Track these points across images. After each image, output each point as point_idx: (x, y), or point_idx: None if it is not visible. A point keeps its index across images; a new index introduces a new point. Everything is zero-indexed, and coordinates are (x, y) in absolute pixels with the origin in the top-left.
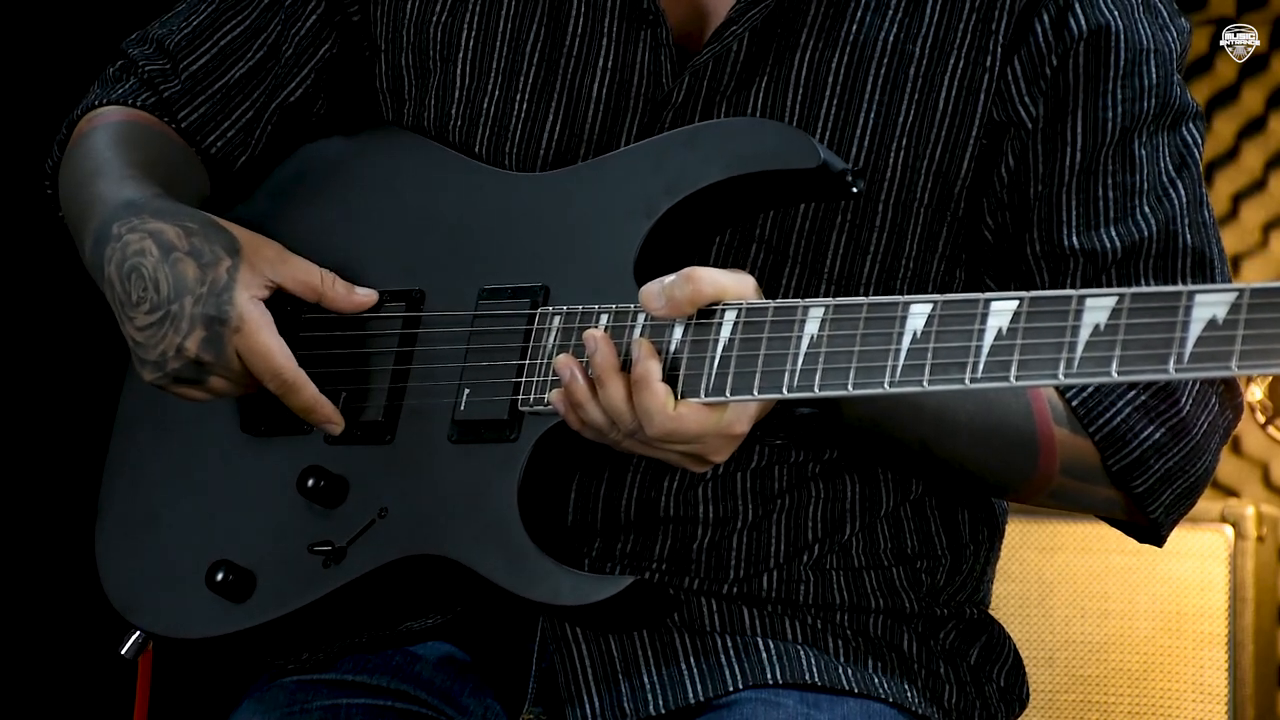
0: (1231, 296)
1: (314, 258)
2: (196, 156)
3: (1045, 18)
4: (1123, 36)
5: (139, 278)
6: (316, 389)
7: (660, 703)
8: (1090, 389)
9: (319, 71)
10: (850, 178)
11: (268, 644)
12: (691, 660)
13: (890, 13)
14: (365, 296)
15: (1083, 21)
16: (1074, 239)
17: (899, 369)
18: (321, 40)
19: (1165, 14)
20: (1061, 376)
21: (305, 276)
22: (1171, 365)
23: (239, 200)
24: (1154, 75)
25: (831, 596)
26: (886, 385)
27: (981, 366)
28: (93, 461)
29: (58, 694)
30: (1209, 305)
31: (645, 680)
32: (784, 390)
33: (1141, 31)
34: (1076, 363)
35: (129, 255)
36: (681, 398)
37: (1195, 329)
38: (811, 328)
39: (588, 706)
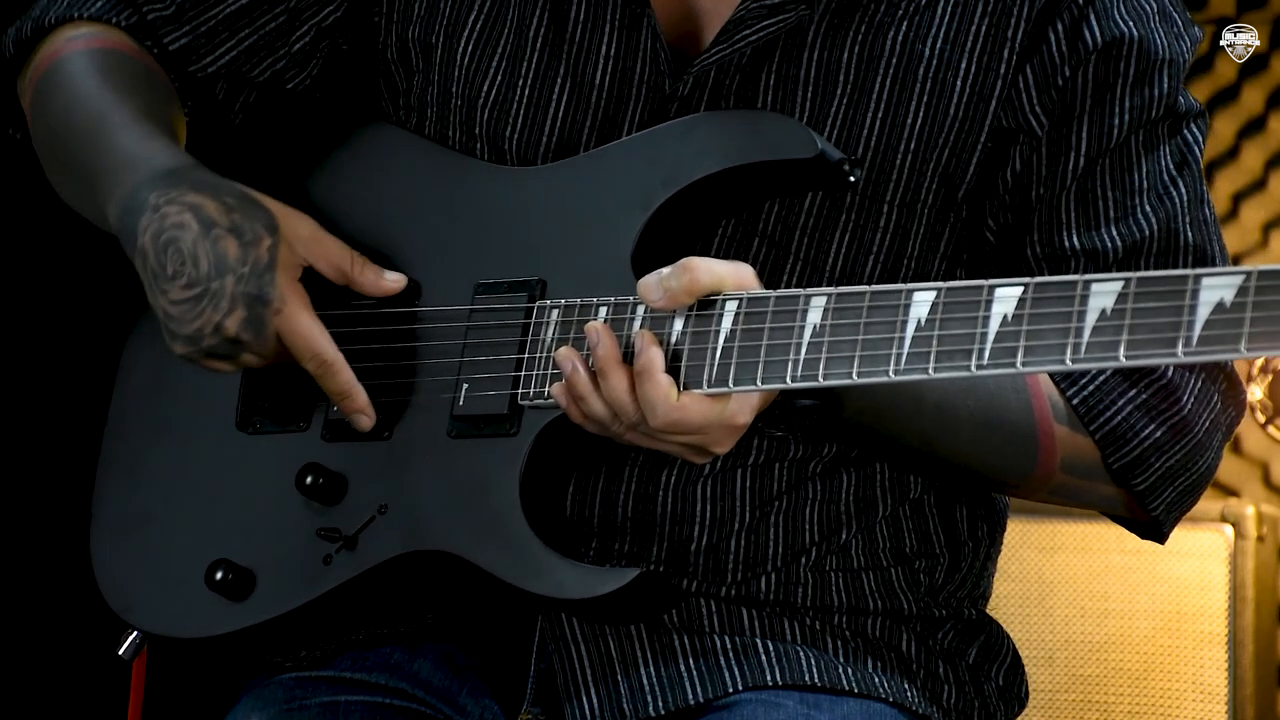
0: (1239, 279)
1: None
2: (173, 87)
3: (1060, 27)
4: (1137, 47)
5: (176, 252)
6: (353, 374)
7: (660, 704)
8: (1091, 388)
9: (350, 6)
10: (847, 167)
11: (266, 642)
12: (690, 661)
13: (899, 12)
14: (394, 282)
15: (1097, 34)
16: (1074, 240)
17: (904, 357)
18: None
19: (1180, 23)
20: (1069, 362)
21: (337, 259)
22: (1180, 349)
23: None
24: (1165, 86)
25: (830, 598)
26: (891, 374)
27: (988, 354)
28: (87, 462)
29: (54, 695)
30: (1216, 288)
31: (644, 681)
32: (788, 380)
33: (1157, 41)
34: (1084, 348)
35: (166, 228)
36: (684, 389)
37: (1203, 312)
38: (814, 317)
39: (586, 707)
